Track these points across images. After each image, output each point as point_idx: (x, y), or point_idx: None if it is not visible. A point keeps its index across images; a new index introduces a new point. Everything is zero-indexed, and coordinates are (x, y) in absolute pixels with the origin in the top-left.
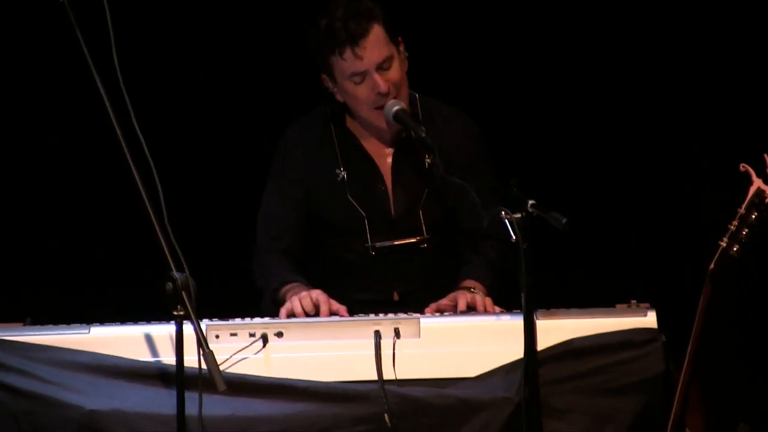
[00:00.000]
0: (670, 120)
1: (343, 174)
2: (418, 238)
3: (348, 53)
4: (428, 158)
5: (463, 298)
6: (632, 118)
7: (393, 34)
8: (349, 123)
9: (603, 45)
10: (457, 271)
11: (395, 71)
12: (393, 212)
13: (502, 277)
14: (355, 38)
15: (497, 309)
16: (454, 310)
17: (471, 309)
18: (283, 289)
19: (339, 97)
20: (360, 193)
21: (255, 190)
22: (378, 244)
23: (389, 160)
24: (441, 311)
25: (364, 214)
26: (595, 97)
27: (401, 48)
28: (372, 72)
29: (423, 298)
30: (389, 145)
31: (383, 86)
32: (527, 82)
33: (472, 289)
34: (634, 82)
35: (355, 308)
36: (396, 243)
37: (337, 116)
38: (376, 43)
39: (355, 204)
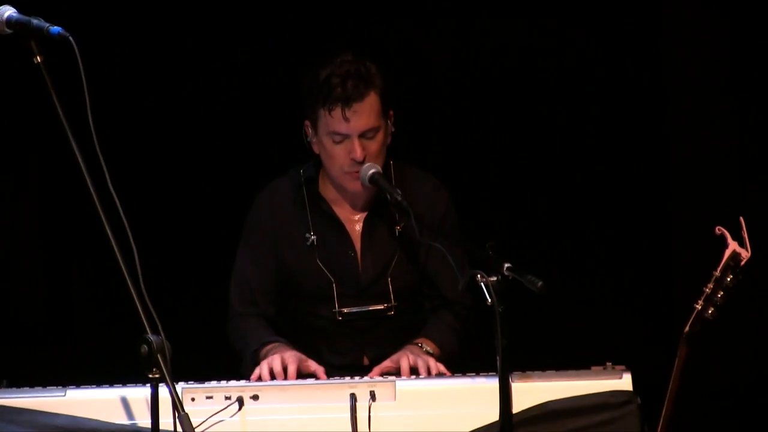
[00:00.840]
0: (644, 182)
1: (313, 238)
2: (386, 305)
3: (337, 112)
4: (399, 226)
5: (405, 361)
6: (608, 181)
7: (386, 106)
8: (322, 187)
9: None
10: None
11: (376, 143)
12: (361, 279)
13: (463, 341)
14: (348, 100)
15: (441, 367)
16: (398, 372)
17: (414, 370)
18: (264, 350)
19: (315, 148)
20: (329, 258)
21: (230, 252)
22: (346, 310)
23: (359, 226)
24: (385, 373)
25: (332, 280)
26: (571, 159)
27: (390, 121)
28: (354, 137)
29: None
30: (360, 211)
31: (359, 154)
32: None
33: (420, 345)
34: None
35: (327, 372)
36: (363, 310)
37: (309, 181)
38: (367, 111)
39: (323, 269)
